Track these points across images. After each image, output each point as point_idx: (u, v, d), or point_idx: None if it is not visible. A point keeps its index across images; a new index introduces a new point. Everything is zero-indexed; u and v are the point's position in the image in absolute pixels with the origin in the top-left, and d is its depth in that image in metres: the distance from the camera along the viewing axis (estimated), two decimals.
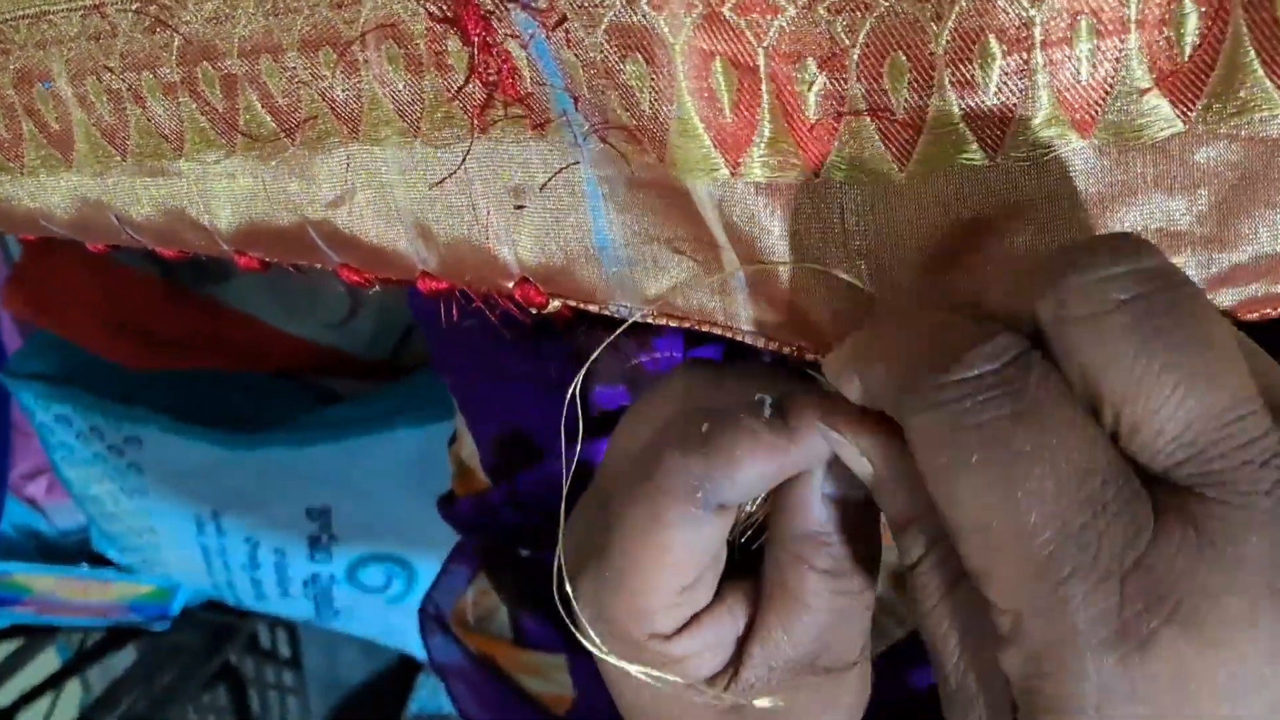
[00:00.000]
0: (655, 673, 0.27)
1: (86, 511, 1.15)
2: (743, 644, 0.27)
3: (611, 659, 0.27)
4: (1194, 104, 0.22)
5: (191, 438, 1.08)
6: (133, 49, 0.32)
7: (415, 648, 1.17)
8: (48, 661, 1.32)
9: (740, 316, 0.29)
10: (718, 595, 0.27)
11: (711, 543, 0.26)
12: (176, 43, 0.31)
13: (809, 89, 0.24)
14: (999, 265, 0.24)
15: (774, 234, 0.26)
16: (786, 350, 0.29)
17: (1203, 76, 0.21)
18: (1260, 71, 0.21)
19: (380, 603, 1.13)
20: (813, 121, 0.24)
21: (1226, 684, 0.16)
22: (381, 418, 1.08)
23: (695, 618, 0.27)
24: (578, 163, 0.28)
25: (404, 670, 1.36)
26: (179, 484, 1.08)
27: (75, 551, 1.24)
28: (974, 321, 0.20)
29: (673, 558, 0.25)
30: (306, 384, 1.21)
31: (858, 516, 0.26)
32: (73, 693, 1.43)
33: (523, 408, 0.53)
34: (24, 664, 1.25)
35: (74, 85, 0.34)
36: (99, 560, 1.20)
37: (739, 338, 0.30)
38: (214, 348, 1.17)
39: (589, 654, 0.28)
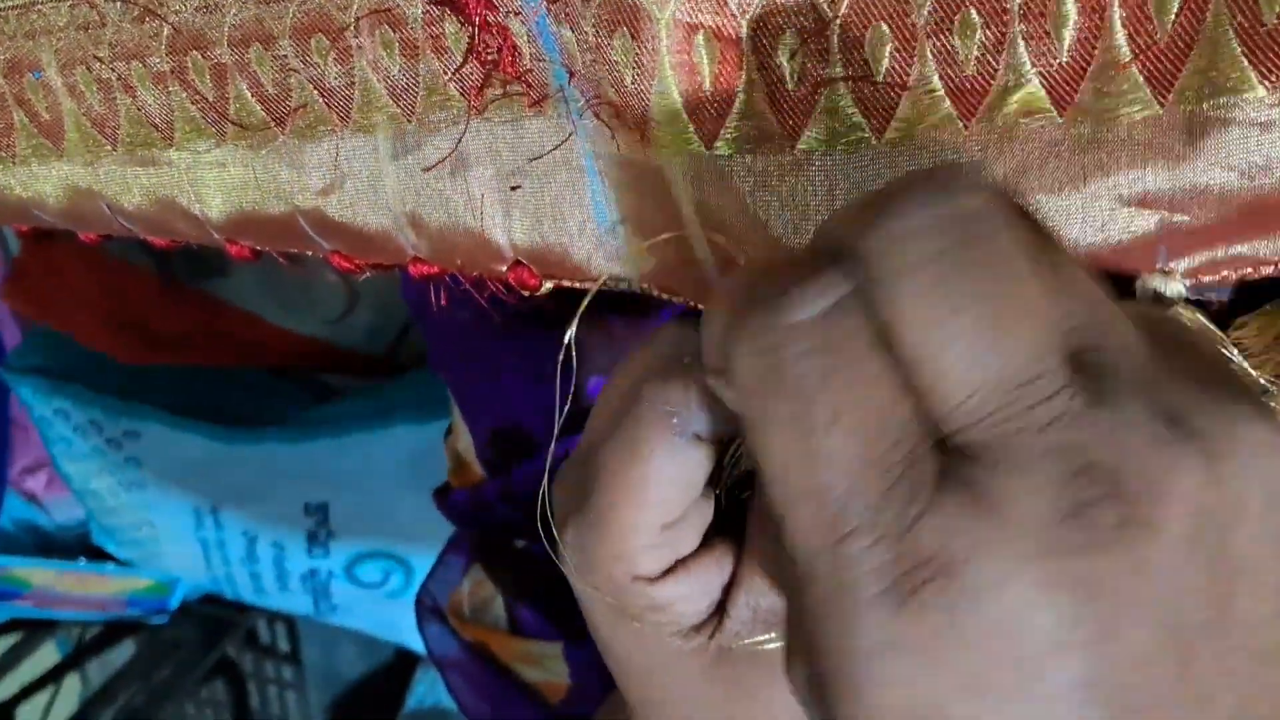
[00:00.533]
0: (630, 605, 0.27)
1: (85, 506, 1.15)
2: (728, 592, 0.27)
3: (586, 586, 0.27)
4: (1172, 85, 0.22)
5: (190, 432, 1.08)
6: (122, 39, 0.33)
7: (413, 642, 1.17)
8: (47, 655, 1.32)
9: None
10: (705, 544, 0.27)
11: (692, 476, 0.26)
12: (166, 32, 0.32)
13: (789, 58, 0.24)
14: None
15: (745, 210, 0.26)
16: None
17: (1181, 58, 0.21)
18: (1238, 51, 0.21)
19: (378, 598, 1.14)
20: (792, 91, 0.24)
21: (988, 639, 0.17)
22: (379, 414, 1.08)
23: (680, 564, 0.27)
24: (573, 134, 0.28)
25: (402, 664, 1.36)
26: (178, 478, 1.08)
27: (74, 545, 1.25)
28: (804, 260, 0.20)
29: (653, 492, 0.25)
30: (304, 380, 1.21)
31: None
32: (72, 686, 1.44)
33: (518, 402, 0.54)
34: (23, 658, 1.25)
35: (64, 75, 0.34)
36: (98, 554, 1.20)
37: None
38: (212, 343, 1.17)
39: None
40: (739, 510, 0.28)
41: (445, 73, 0.28)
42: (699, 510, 0.27)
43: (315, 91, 0.30)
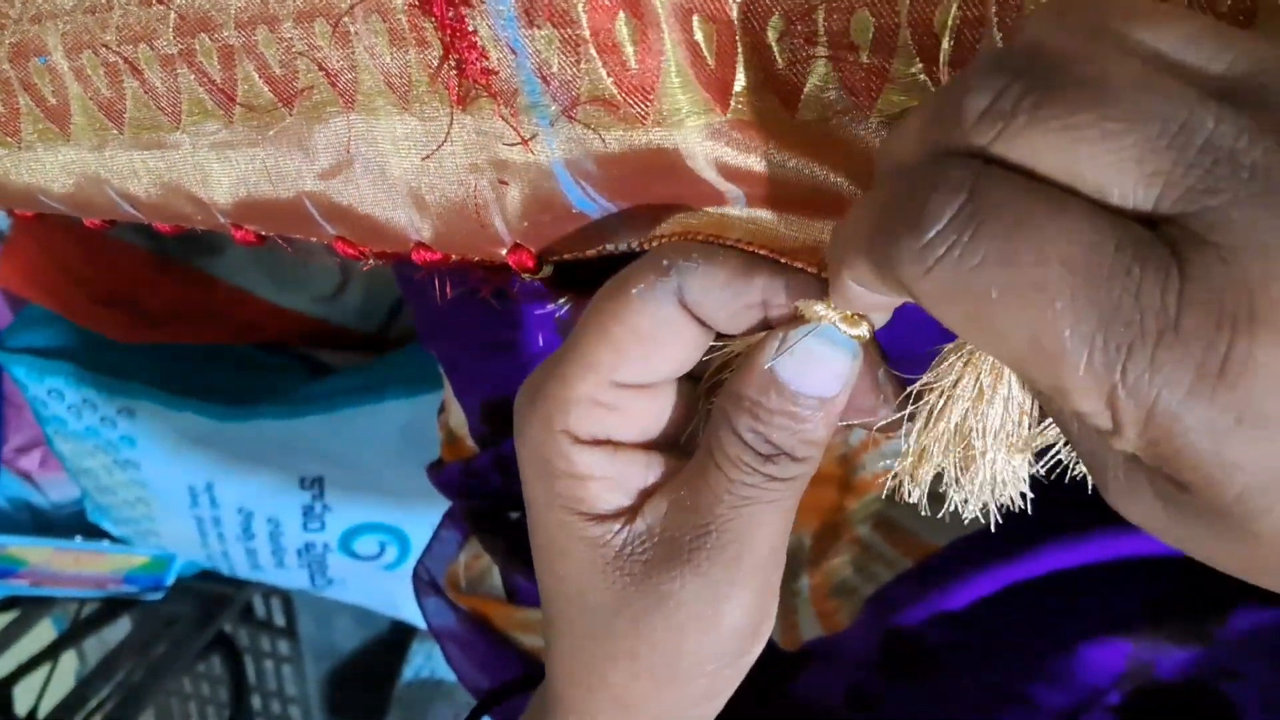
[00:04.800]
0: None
1: (80, 484, 1.15)
2: (643, 502, 0.27)
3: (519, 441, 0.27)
4: None
5: (184, 410, 1.08)
6: (129, 22, 0.33)
7: (410, 615, 1.18)
8: (44, 633, 1.32)
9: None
10: (646, 448, 0.28)
11: (664, 341, 0.26)
12: (172, 16, 0.32)
13: (777, 38, 0.24)
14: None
15: (764, 167, 0.27)
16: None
17: None
18: None
19: (374, 571, 1.14)
20: (782, 68, 0.25)
21: None
22: (372, 389, 1.08)
23: (611, 444, 0.27)
24: (541, 139, 0.29)
25: (398, 637, 1.37)
26: (172, 456, 1.08)
27: (69, 524, 1.25)
28: (919, 168, 0.19)
29: (619, 331, 0.26)
30: (297, 356, 1.21)
31: (792, 407, 0.25)
32: (69, 663, 1.44)
33: (509, 375, 0.54)
34: (20, 635, 1.25)
35: (70, 59, 0.34)
36: (94, 532, 1.20)
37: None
38: (205, 321, 1.17)
39: None
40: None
41: (429, 66, 0.29)
42: (653, 411, 0.27)
43: (321, 74, 0.30)
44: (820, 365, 0.25)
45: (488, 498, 0.60)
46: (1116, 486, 0.20)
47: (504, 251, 0.32)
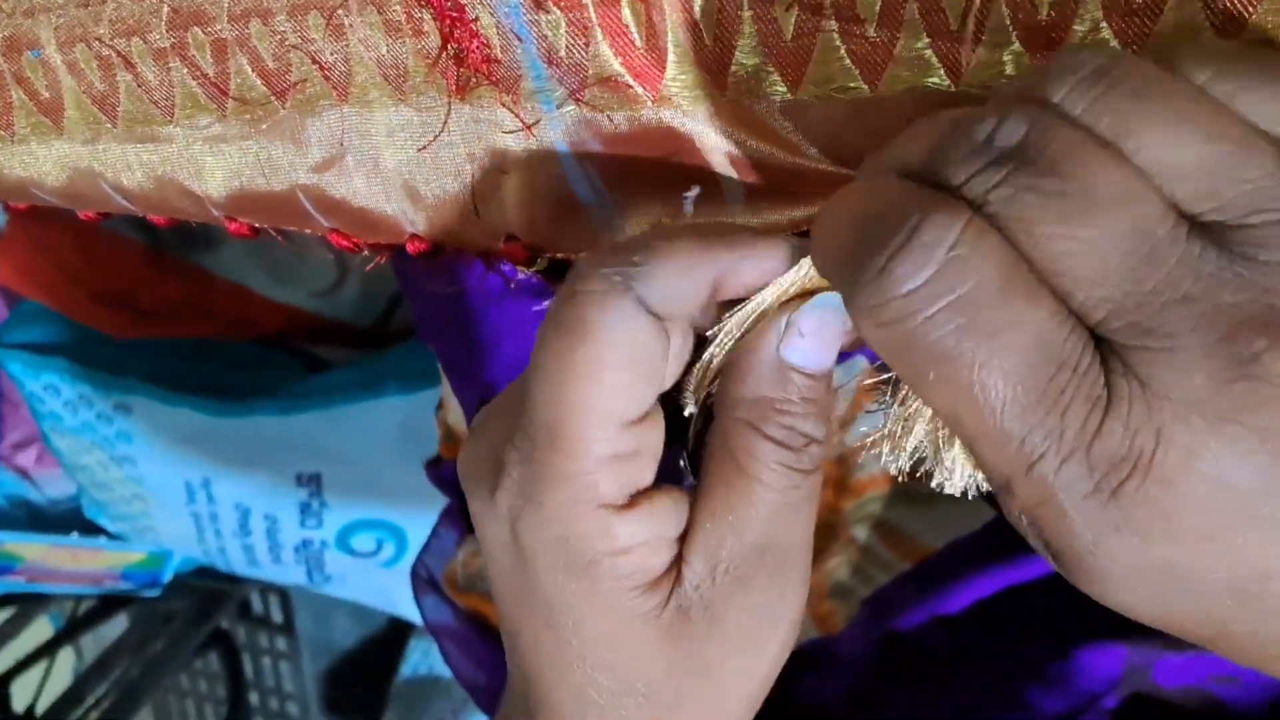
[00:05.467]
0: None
1: (77, 480, 1.15)
2: (683, 544, 0.25)
3: (532, 534, 0.24)
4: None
5: (181, 406, 1.08)
6: (122, 15, 0.33)
7: (407, 611, 1.18)
8: (40, 630, 1.32)
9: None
10: (658, 489, 0.25)
11: (650, 354, 0.23)
12: (165, 9, 0.32)
13: (785, 11, 0.24)
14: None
15: (767, 150, 0.27)
16: None
17: None
18: None
19: (372, 567, 1.14)
20: (789, 42, 0.25)
21: (1200, 506, 0.18)
22: (369, 384, 1.08)
23: (641, 497, 0.24)
24: (544, 124, 0.29)
25: (396, 634, 1.37)
26: (169, 452, 1.08)
27: (66, 520, 1.25)
28: (907, 195, 0.19)
29: (608, 374, 0.22)
30: (294, 352, 1.21)
31: (811, 391, 0.24)
32: (66, 660, 1.44)
33: (507, 372, 0.54)
34: (17, 632, 1.25)
35: (63, 53, 0.34)
36: (90, 529, 1.20)
37: None
38: (201, 316, 1.17)
39: None
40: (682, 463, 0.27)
41: (427, 56, 0.29)
42: (658, 439, 0.25)
43: (314, 67, 0.30)
44: (830, 336, 0.24)
45: None
46: (1004, 511, 0.22)
47: (498, 244, 0.32)
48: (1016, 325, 0.18)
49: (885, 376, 0.24)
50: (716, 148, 0.27)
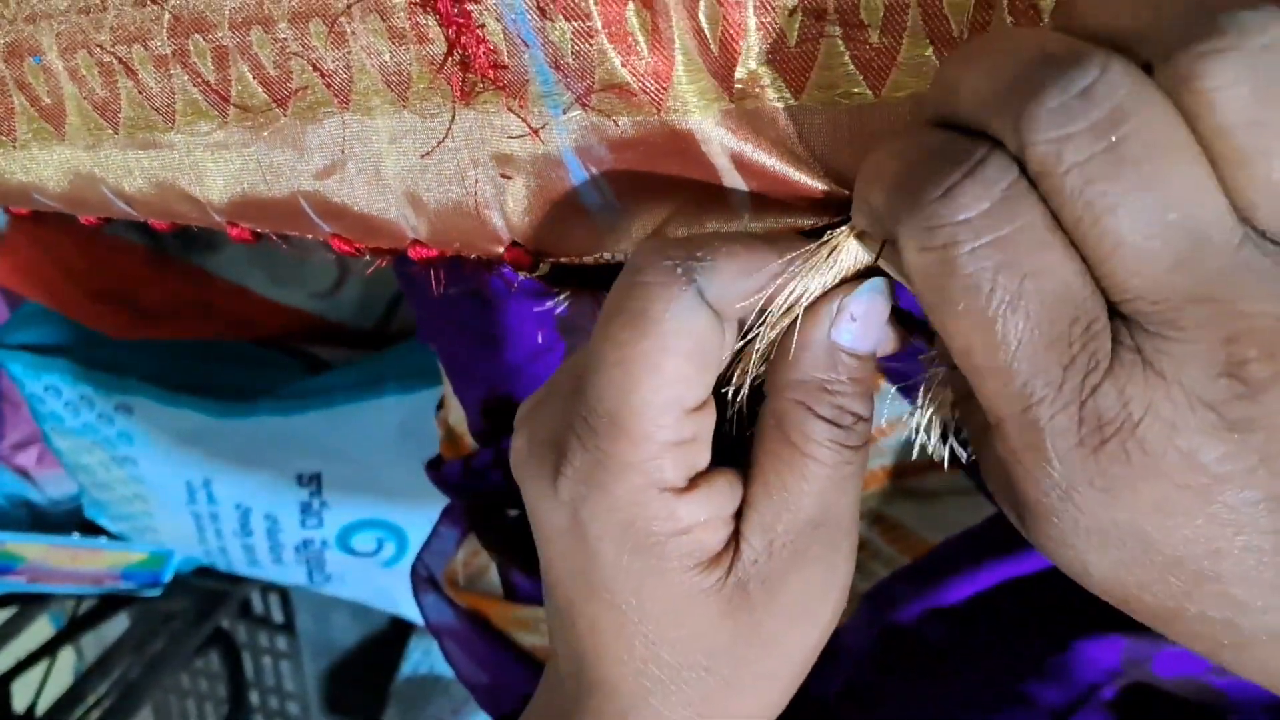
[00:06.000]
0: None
1: (78, 480, 1.15)
2: (739, 521, 0.26)
3: (594, 515, 0.25)
4: None
5: (181, 406, 1.08)
6: (123, 22, 0.33)
7: (407, 610, 1.18)
8: (41, 629, 1.32)
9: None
10: (714, 470, 0.26)
11: (709, 345, 0.24)
12: (166, 16, 0.32)
13: (789, 16, 0.25)
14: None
15: (773, 156, 0.27)
16: None
17: None
18: None
19: (372, 567, 1.14)
20: (793, 48, 0.25)
21: (1168, 474, 0.19)
22: (370, 385, 1.08)
23: (698, 479, 0.25)
24: (551, 129, 0.29)
25: (396, 633, 1.37)
26: (169, 452, 1.09)
27: (67, 520, 1.25)
28: (959, 139, 0.20)
29: (670, 364, 0.24)
30: (295, 352, 1.22)
31: (859, 371, 0.26)
32: (67, 660, 1.44)
33: (509, 372, 0.54)
34: (17, 632, 1.25)
35: (65, 59, 0.35)
36: (91, 528, 1.20)
37: None
38: (202, 317, 1.17)
39: None
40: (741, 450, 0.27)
41: (432, 62, 0.29)
42: (710, 416, 0.26)
43: (316, 74, 0.31)
44: (876, 319, 0.25)
45: (488, 495, 0.60)
46: (981, 462, 0.23)
47: (501, 250, 0.32)
48: (1048, 274, 0.19)
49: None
50: (722, 154, 0.27)
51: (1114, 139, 0.18)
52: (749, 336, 0.26)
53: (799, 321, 0.25)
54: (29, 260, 1.13)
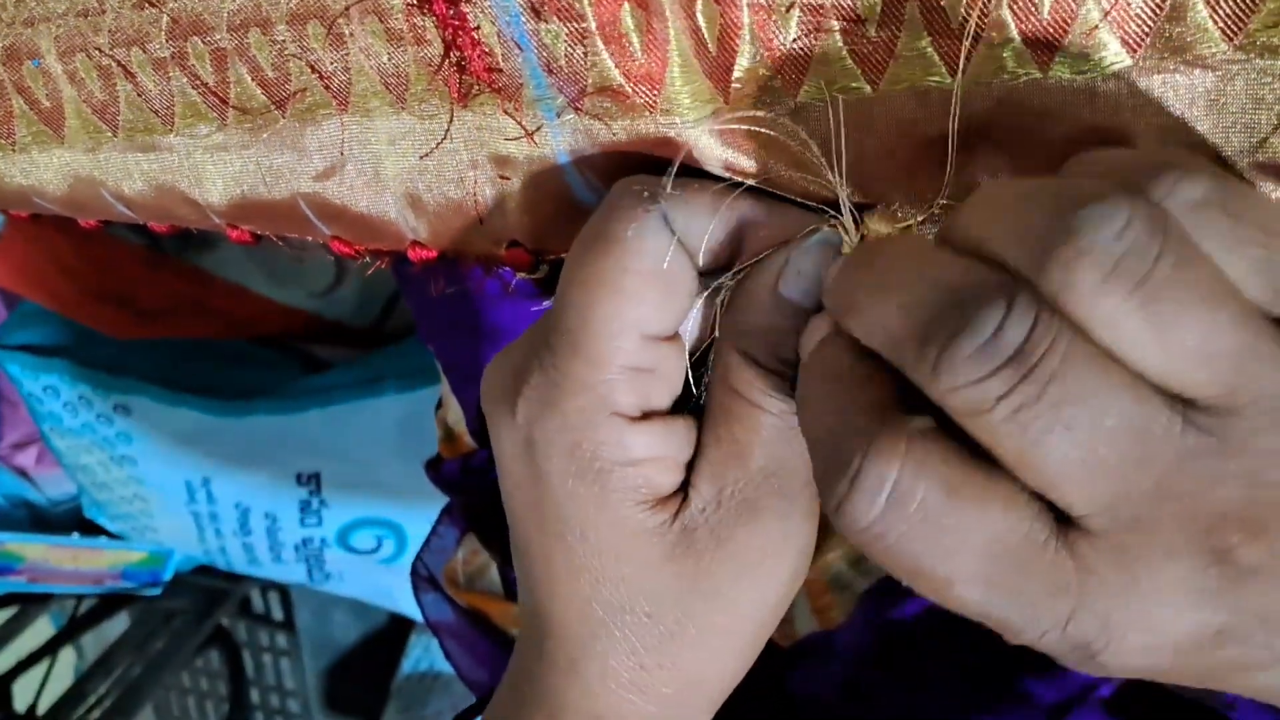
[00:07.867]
0: None
1: (77, 480, 1.15)
2: (690, 470, 0.26)
3: (546, 436, 0.25)
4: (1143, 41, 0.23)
5: (180, 405, 1.08)
6: (121, 25, 0.33)
7: (407, 608, 1.18)
8: (42, 629, 1.33)
9: None
10: (673, 413, 0.26)
11: (674, 266, 0.24)
12: (165, 19, 0.32)
13: (786, 11, 0.25)
14: (982, 194, 0.22)
15: (766, 157, 0.27)
16: None
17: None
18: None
19: (372, 565, 1.15)
20: (790, 45, 0.25)
21: (1158, 662, 0.20)
22: (368, 384, 1.09)
23: (653, 416, 0.25)
24: (546, 132, 0.29)
25: (396, 630, 1.38)
26: (169, 451, 1.09)
27: (66, 520, 1.25)
28: (981, 271, 0.19)
29: (630, 281, 0.24)
30: (293, 351, 1.22)
31: (802, 324, 0.25)
32: (67, 659, 1.44)
33: None
34: (18, 632, 1.26)
35: (64, 62, 0.35)
36: (91, 528, 1.20)
37: None
38: (200, 316, 1.17)
39: None
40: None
41: (430, 64, 0.29)
42: (678, 365, 0.26)
43: (315, 76, 0.31)
44: (821, 272, 0.25)
45: (487, 494, 0.60)
46: None
47: (501, 250, 0.33)
48: (970, 531, 0.19)
49: None
50: (715, 157, 0.27)
51: (1034, 366, 0.18)
52: (719, 297, 0.26)
53: (747, 273, 0.25)
54: (27, 260, 1.13)
